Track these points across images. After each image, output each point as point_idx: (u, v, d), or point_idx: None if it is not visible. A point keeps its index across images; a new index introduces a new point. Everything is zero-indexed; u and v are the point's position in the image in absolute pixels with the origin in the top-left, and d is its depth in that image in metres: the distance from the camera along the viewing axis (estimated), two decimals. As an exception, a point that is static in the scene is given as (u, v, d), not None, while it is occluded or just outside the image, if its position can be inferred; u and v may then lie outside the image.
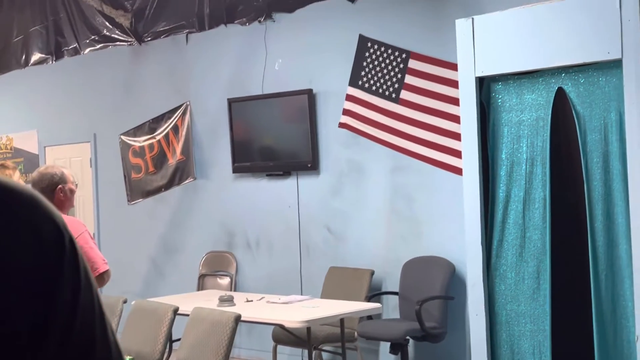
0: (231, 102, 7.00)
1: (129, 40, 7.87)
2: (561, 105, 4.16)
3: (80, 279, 0.77)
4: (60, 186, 3.73)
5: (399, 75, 5.98)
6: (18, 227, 0.74)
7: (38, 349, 0.73)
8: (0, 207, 0.74)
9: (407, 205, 6.06)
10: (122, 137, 8.02)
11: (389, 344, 5.64)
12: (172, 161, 7.62)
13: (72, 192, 3.79)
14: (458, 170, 5.52)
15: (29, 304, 0.73)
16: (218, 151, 7.25)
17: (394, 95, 6.01)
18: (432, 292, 5.60)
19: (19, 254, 0.73)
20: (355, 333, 5.73)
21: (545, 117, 4.18)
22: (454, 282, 5.72)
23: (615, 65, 3.89)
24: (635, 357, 3.81)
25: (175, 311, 4.53)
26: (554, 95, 4.15)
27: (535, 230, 4.22)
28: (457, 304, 5.73)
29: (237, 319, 4.12)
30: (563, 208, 4.22)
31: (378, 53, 6.12)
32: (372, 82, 6.14)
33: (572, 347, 4.23)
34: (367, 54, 6.18)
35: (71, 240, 0.77)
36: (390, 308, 6.04)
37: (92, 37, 8.16)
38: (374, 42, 6.15)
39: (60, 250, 0.76)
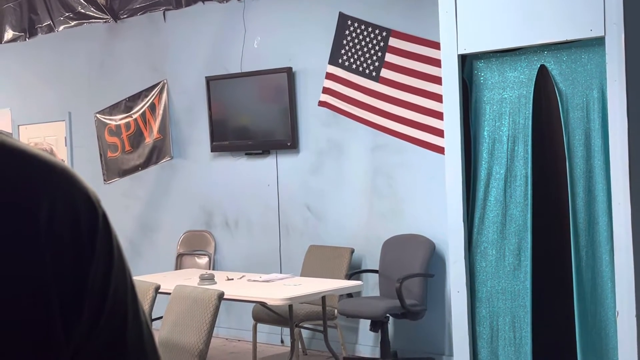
0: (209, 80, 6.94)
1: (105, 17, 7.77)
2: (543, 83, 4.17)
3: (113, 258, 0.73)
4: None
5: (380, 54, 5.97)
6: (55, 202, 0.70)
7: (69, 328, 0.69)
8: (35, 180, 0.70)
9: (387, 184, 6.07)
10: (98, 115, 7.94)
11: (369, 321, 5.66)
12: (149, 140, 7.55)
13: None
14: (437, 149, 5.54)
15: (60, 281, 0.69)
16: (196, 130, 7.20)
17: (374, 74, 5.99)
18: (412, 270, 5.62)
19: (57, 230, 0.70)
20: (336, 311, 5.74)
21: (528, 95, 4.19)
22: (434, 259, 5.74)
23: (597, 42, 3.90)
24: (616, 333, 3.85)
25: (157, 289, 4.49)
26: (536, 72, 4.17)
27: (516, 208, 4.24)
28: (436, 281, 5.76)
29: (221, 296, 4.10)
30: (544, 185, 4.24)
31: (358, 31, 6.09)
32: (352, 60, 6.12)
33: (553, 324, 4.27)
34: (347, 32, 6.16)
35: (104, 217, 0.73)
36: (370, 286, 6.06)
37: (67, 14, 8.04)
38: (354, 20, 6.13)
39: (94, 227, 0.72)
